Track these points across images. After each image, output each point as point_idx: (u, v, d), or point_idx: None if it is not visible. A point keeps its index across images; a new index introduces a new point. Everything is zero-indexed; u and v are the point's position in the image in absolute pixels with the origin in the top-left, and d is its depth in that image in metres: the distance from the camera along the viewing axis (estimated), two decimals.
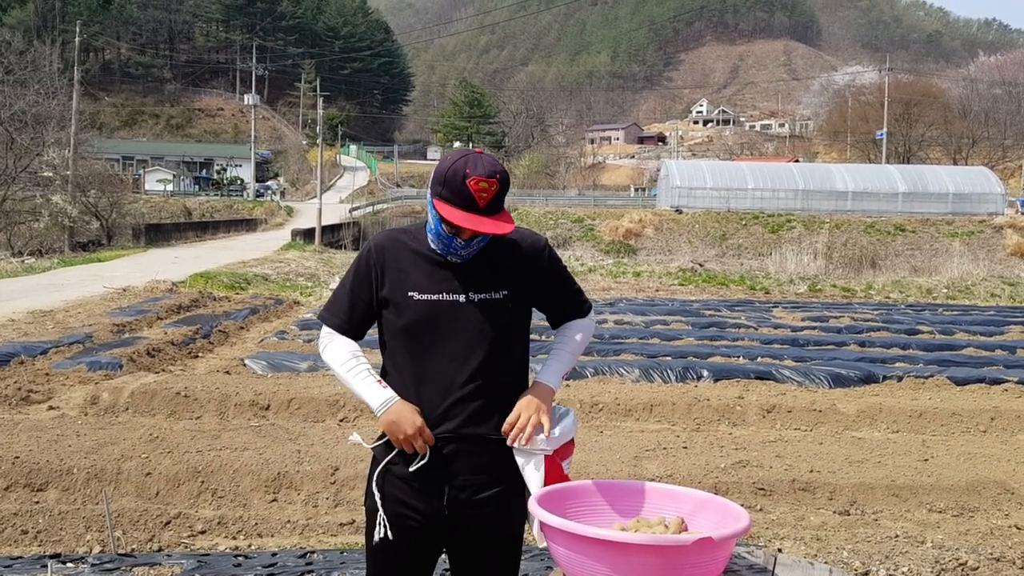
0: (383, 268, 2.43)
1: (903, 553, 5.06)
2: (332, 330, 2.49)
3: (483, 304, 2.39)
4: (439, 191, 2.30)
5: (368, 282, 2.44)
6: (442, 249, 2.39)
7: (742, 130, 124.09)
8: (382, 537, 2.39)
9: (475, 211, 2.27)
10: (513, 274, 2.45)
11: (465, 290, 2.39)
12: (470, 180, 2.26)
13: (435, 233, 2.36)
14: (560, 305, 2.60)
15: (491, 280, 2.42)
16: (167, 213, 48.50)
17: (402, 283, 2.40)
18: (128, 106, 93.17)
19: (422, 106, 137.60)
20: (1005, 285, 24.66)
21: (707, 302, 18.92)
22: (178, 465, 5.94)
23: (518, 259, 2.47)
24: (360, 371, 2.40)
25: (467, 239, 2.34)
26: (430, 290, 2.38)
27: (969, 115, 75.53)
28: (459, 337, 2.38)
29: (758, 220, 36.45)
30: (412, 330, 2.39)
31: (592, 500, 2.36)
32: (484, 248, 2.42)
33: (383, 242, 2.47)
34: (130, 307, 13.67)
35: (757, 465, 6.39)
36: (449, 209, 2.28)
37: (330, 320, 2.51)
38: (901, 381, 9.57)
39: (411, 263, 2.41)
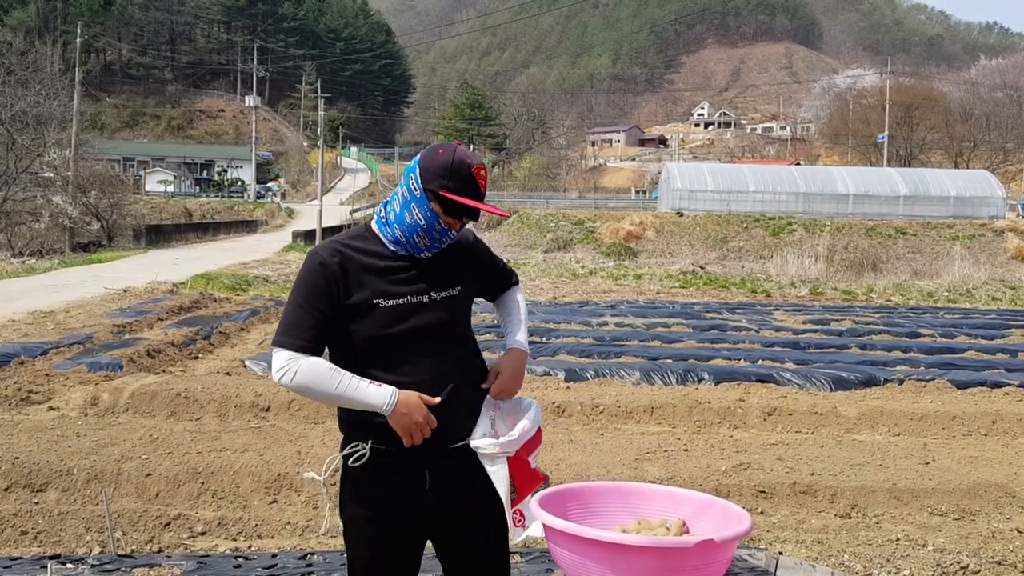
0: (342, 278, 2.36)
1: (904, 556, 5.05)
2: (295, 353, 2.32)
3: (444, 302, 2.44)
4: (445, 184, 2.32)
5: (327, 296, 2.35)
6: (420, 248, 2.41)
7: (743, 133, 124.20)
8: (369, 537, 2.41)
9: (480, 199, 2.36)
10: (460, 269, 2.51)
11: (427, 290, 2.42)
12: (474, 169, 2.34)
13: (427, 230, 2.36)
14: (497, 283, 2.71)
15: (445, 278, 2.47)
16: (168, 214, 48.51)
17: (365, 292, 2.36)
18: (129, 107, 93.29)
19: (423, 108, 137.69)
20: (1006, 288, 24.65)
21: (708, 304, 18.91)
22: (178, 466, 5.93)
23: (461, 255, 2.54)
24: (349, 381, 2.31)
25: (458, 229, 2.42)
26: (395, 295, 2.38)
27: (970, 118, 75.54)
28: (427, 337, 2.40)
29: (759, 223, 36.43)
30: (381, 337, 2.37)
31: (593, 502, 2.35)
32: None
33: (334, 252, 2.39)
34: (130, 308, 13.66)
35: (758, 468, 6.38)
36: (462, 199, 2.33)
37: (291, 343, 2.33)
38: (902, 384, 9.56)
39: (369, 270, 2.39)
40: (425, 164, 2.37)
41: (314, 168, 65.96)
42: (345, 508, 2.46)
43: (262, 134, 78.89)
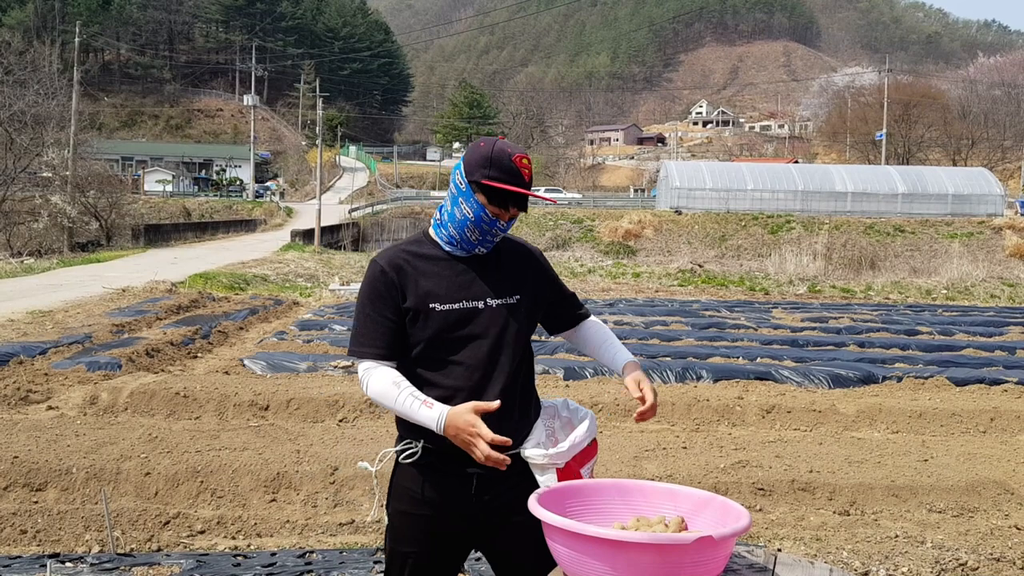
0: (403, 283, 2.41)
1: (903, 553, 5.06)
2: (370, 362, 2.41)
3: (501, 310, 2.45)
4: (487, 173, 2.35)
5: (391, 301, 2.40)
6: (473, 244, 2.43)
7: (741, 131, 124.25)
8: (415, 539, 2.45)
9: (524, 186, 2.38)
10: (523, 279, 2.53)
11: (484, 296, 2.44)
12: (515, 157, 2.36)
13: (476, 223, 2.39)
14: (565, 309, 2.69)
15: (505, 285, 2.48)
16: (166, 214, 48.52)
17: (422, 295, 2.40)
18: (127, 107, 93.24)
19: (421, 107, 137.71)
20: (1004, 286, 24.67)
21: (706, 303, 18.92)
22: (177, 465, 5.93)
23: (525, 264, 2.56)
24: (405, 398, 2.33)
25: (508, 220, 2.41)
26: (450, 299, 2.41)
27: (968, 116, 75.60)
28: (482, 344, 2.42)
29: (757, 221, 36.46)
30: (435, 341, 2.40)
31: (592, 499, 2.35)
32: (494, 254, 2.50)
33: (393, 258, 2.45)
34: (129, 307, 13.66)
35: (757, 465, 6.39)
36: (504, 186, 2.35)
37: (365, 352, 2.42)
38: (901, 381, 9.56)
39: (428, 273, 2.43)
40: (468, 158, 2.41)
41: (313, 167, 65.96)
42: (392, 502, 2.50)
43: (260, 133, 78.86)
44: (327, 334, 12.32)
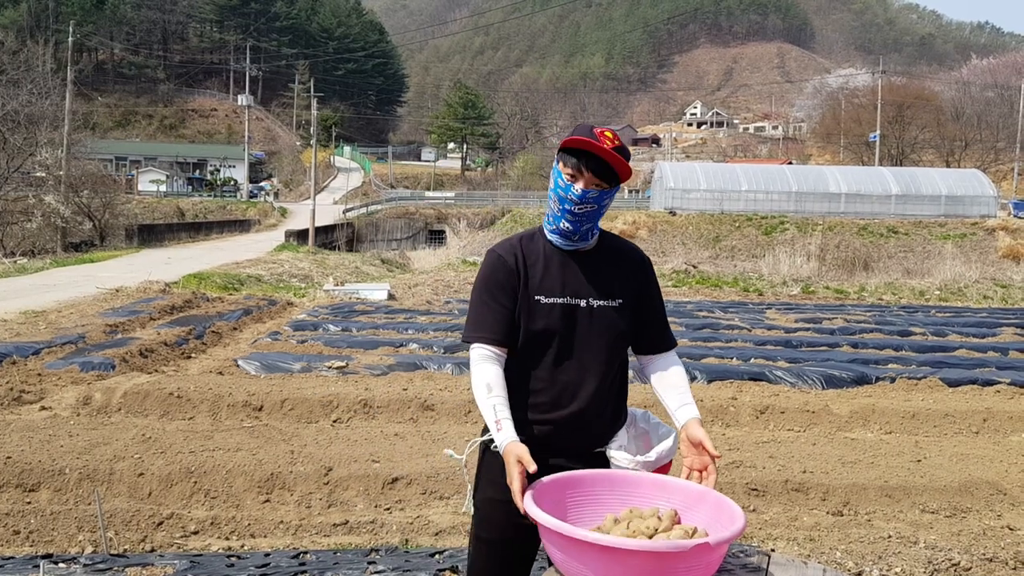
0: (521, 271, 2.49)
1: (896, 554, 5.07)
2: (482, 347, 2.48)
3: (602, 311, 2.50)
4: (566, 139, 2.42)
5: (507, 287, 2.49)
6: (558, 217, 2.48)
7: (736, 132, 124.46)
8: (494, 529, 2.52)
9: (596, 148, 2.39)
10: (628, 284, 2.56)
11: (587, 296, 2.49)
12: (596, 129, 2.43)
13: (554, 191, 2.47)
14: (655, 331, 2.65)
15: (610, 287, 2.52)
16: (160, 214, 48.45)
17: (532, 287, 2.48)
18: (121, 106, 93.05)
19: (416, 107, 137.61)
20: (997, 287, 24.73)
21: (701, 303, 18.94)
22: (171, 465, 5.92)
23: (633, 269, 2.59)
24: (488, 408, 2.40)
25: (583, 188, 2.42)
26: (555, 294, 2.47)
27: (962, 118, 75.78)
28: (580, 342, 2.48)
29: (751, 222, 36.51)
30: (536, 332, 2.47)
31: (591, 489, 2.37)
32: (603, 253, 2.54)
33: (510, 247, 2.55)
34: (123, 308, 13.63)
35: (750, 466, 6.40)
36: (577, 139, 2.39)
37: (476, 337, 2.49)
38: (894, 382, 9.59)
39: (537, 265, 2.50)
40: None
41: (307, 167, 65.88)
42: (481, 490, 2.54)
43: (255, 133, 78.75)
44: (321, 334, 12.31)
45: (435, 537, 5.25)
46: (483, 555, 2.54)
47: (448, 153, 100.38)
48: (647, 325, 2.63)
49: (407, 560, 4.79)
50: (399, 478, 5.95)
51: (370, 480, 5.93)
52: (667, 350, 2.67)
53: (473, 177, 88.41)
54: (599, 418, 2.50)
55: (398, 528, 5.39)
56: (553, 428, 2.46)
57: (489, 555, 2.53)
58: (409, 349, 11.21)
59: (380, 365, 9.85)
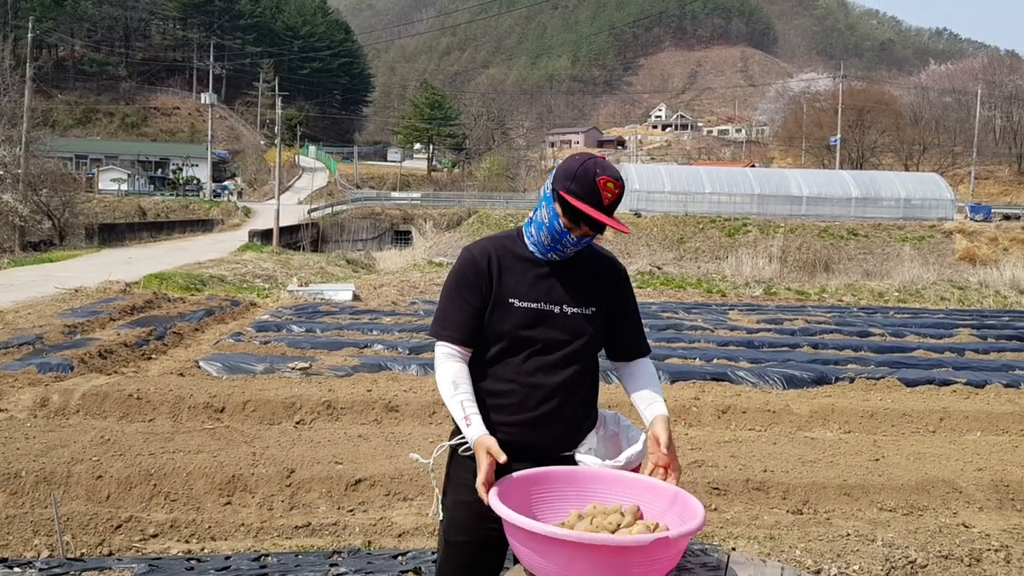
0: (493, 273, 2.49)
1: (854, 551, 5.14)
2: (448, 346, 2.51)
3: (575, 318, 2.51)
4: (567, 186, 2.39)
5: (479, 289, 2.49)
6: (546, 248, 2.49)
7: (700, 135, 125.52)
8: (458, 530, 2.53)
9: (599, 208, 2.37)
10: (602, 292, 2.58)
11: (561, 302, 2.50)
12: (600, 178, 2.37)
13: (549, 229, 2.44)
14: (630, 335, 2.68)
15: (585, 295, 2.53)
16: (121, 213, 47.80)
17: (506, 289, 2.48)
18: (82, 104, 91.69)
19: (382, 107, 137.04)
20: (954, 289, 25.17)
21: (665, 304, 19.07)
22: (130, 468, 5.84)
23: (608, 278, 2.61)
24: (456, 403, 2.44)
25: (579, 236, 2.44)
26: (529, 298, 2.48)
27: (920, 122, 77.13)
28: (549, 347, 2.49)
29: (715, 224, 36.83)
30: (507, 336, 2.48)
31: (555, 486, 2.39)
32: (580, 262, 2.55)
33: (485, 248, 2.54)
34: (82, 308, 13.43)
35: (712, 465, 6.45)
36: (578, 202, 2.36)
37: (443, 335, 2.53)
38: (853, 382, 9.72)
39: (515, 269, 2.50)
40: (561, 165, 2.46)
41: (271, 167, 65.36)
42: (450, 493, 2.56)
43: (218, 132, 77.95)
44: (285, 335, 12.22)
45: (398, 539, 5.24)
46: (453, 558, 2.55)
47: (414, 154, 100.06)
48: (622, 333, 2.66)
49: (369, 562, 4.78)
50: (362, 480, 5.93)
51: (333, 482, 5.90)
52: (641, 356, 2.71)
53: (439, 178, 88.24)
54: (566, 421, 2.51)
55: (361, 530, 5.37)
56: (519, 430, 2.48)
57: (459, 558, 2.53)
58: (374, 350, 11.16)
59: (344, 366, 9.80)
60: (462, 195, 59.43)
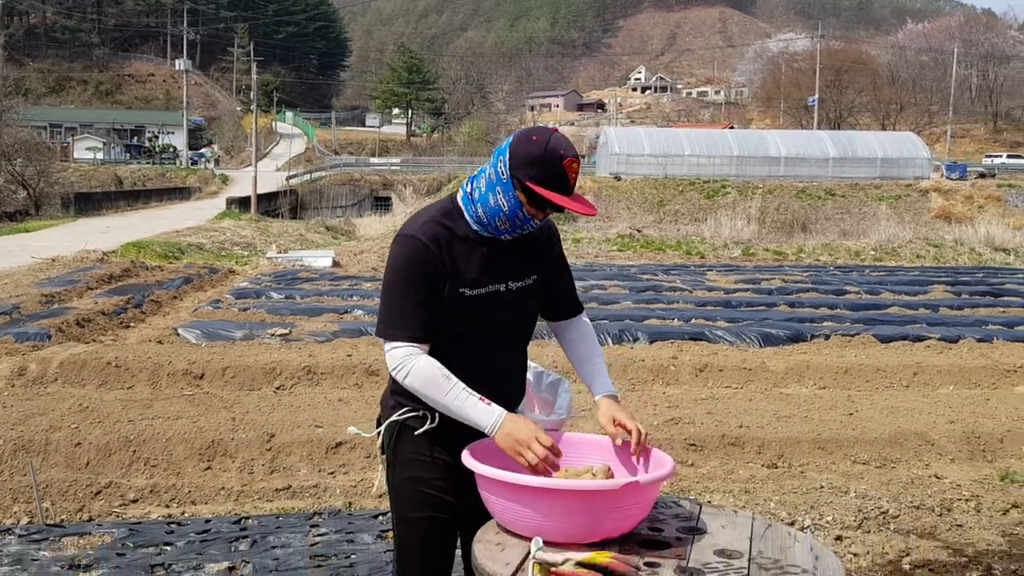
0: (444, 263, 2.31)
1: (828, 503, 5.24)
2: (409, 346, 2.30)
3: (520, 292, 2.42)
4: (532, 174, 2.22)
5: (432, 281, 2.30)
6: (501, 231, 2.34)
7: (679, 97, 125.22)
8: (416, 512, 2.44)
9: (568, 193, 2.25)
10: (540, 259, 2.48)
11: (506, 279, 2.39)
12: (565, 162, 2.23)
13: (509, 216, 2.28)
14: (564, 295, 2.59)
15: (526, 267, 2.44)
16: (97, 182, 47.30)
17: (455, 278, 2.32)
18: (55, 72, 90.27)
19: (360, 72, 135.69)
20: (930, 247, 25.38)
21: (644, 267, 19.14)
22: (109, 435, 5.85)
23: (545, 243, 2.50)
24: (458, 394, 2.27)
25: (542, 219, 2.33)
26: (478, 285, 2.35)
27: (897, 81, 77.26)
28: (501, 326, 2.41)
29: (694, 186, 36.89)
30: (456, 319, 2.35)
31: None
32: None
33: (433, 233, 2.32)
34: (59, 277, 13.34)
35: (689, 422, 6.54)
36: (548, 192, 2.22)
37: (402, 335, 2.30)
38: (828, 339, 9.84)
39: (461, 254, 2.34)
40: (515, 149, 2.25)
41: (248, 134, 64.71)
42: (399, 471, 2.45)
43: (194, 99, 76.97)
44: (264, 302, 12.20)
45: (379, 500, 5.28)
46: (407, 533, 2.47)
47: (393, 119, 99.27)
48: (558, 294, 2.57)
49: (350, 522, 4.83)
50: (343, 443, 5.97)
51: (313, 445, 5.94)
52: (576, 315, 2.62)
53: (419, 143, 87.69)
54: (511, 392, 2.47)
55: (342, 492, 5.41)
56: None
57: (415, 533, 2.45)
58: (354, 316, 11.16)
59: (324, 332, 9.81)
60: (442, 160, 59.17)
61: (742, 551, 2.11)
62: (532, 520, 2.09)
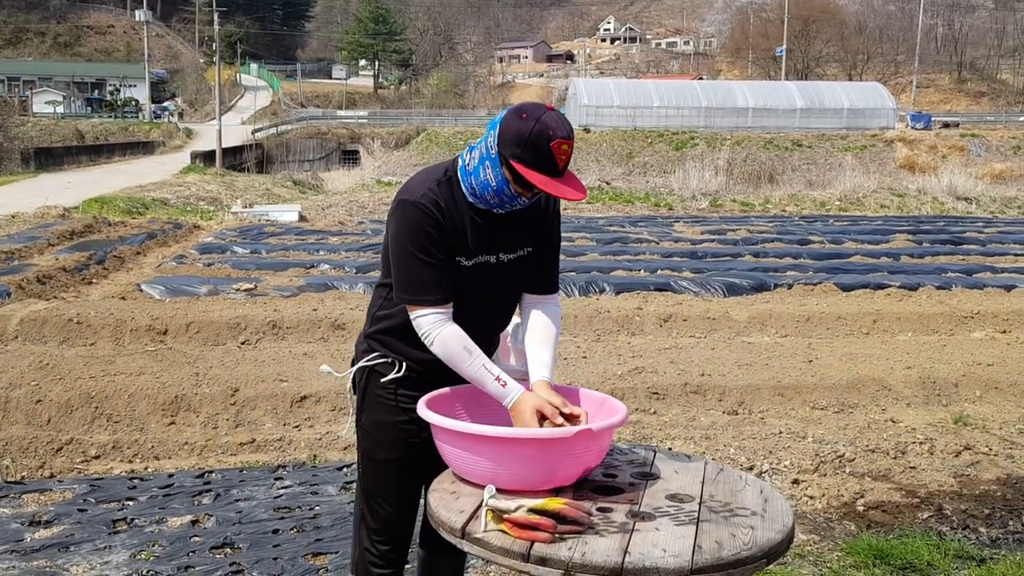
0: (446, 228, 2.31)
1: (786, 448, 5.34)
2: (435, 313, 2.31)
3: (512, 263, 2.43)
4: (518, 154, 2.18)
5: (439, 241, 2.30)
6: (493, 205, 2.33)
7: (648, 48, 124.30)
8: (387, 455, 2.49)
9: (556, 174, 2.21)
10: (535, 232, 2.47)
11: (498, 250, 2.39)
12: (554, 143, 2.18)
13: (496, 192, 2.27)
14: (545, 272, 2.54)
15: (521, 237, 2.43)
16: (58, 136, 46.33)
17: (455, 247, 2.33)
18: (11, 23, 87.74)
19: (325, 22, 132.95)
20: (894, 196, 25.61)
21: (612, 219, 19.17)
22: (70, 392, 5.82)
23: (542, 218, 2.48)
24: (478, 368, 2.30)
25: (531, 197, 2.30)
26: (474, 254, 2.36)
27: (864, 31, 77.27)
28: (487, 296, 2.42)
29: (663, 138, 36.86)
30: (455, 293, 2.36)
31: (484, 399, 2.39)
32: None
33: (435, 198, 2.31)
34: (19, 234, 13.12)
35: (652, 371, 6.61)
36: (531, 173, 2.18)
37: (425, 300, 2.31)
38: (791, 288, 9.95)
39: (459, 222, 2.33)
40: (504, 126, 2.22)
41: (212, 86, 63.56)
42: (366, 414, 2.50)
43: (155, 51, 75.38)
44: (229, 257, 12.09)
45: (343, 452, 5.32)
46: (373, 475, 2.53)
47: (360, 70, 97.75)
48: (541, 270, 2.53)
49: (315, 475, 4.86)
50: (308, 396, 5.98)
51: (278, 399, 5.95)
52: (549, 294, 2.57)
53: (386, 95, 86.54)
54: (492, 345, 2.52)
55: (307, 445, 5.43)
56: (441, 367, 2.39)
57: (381, 475, 2.51)
58: (320, 270, 11.11)
59: (290, 286, 9.76)
60: (410, 113, 58.51)
61: (693, 495, 2.16)
62: (486, 469, 2.12)
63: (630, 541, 1.87)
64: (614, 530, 1.93)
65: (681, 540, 1.88)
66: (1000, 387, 6.60)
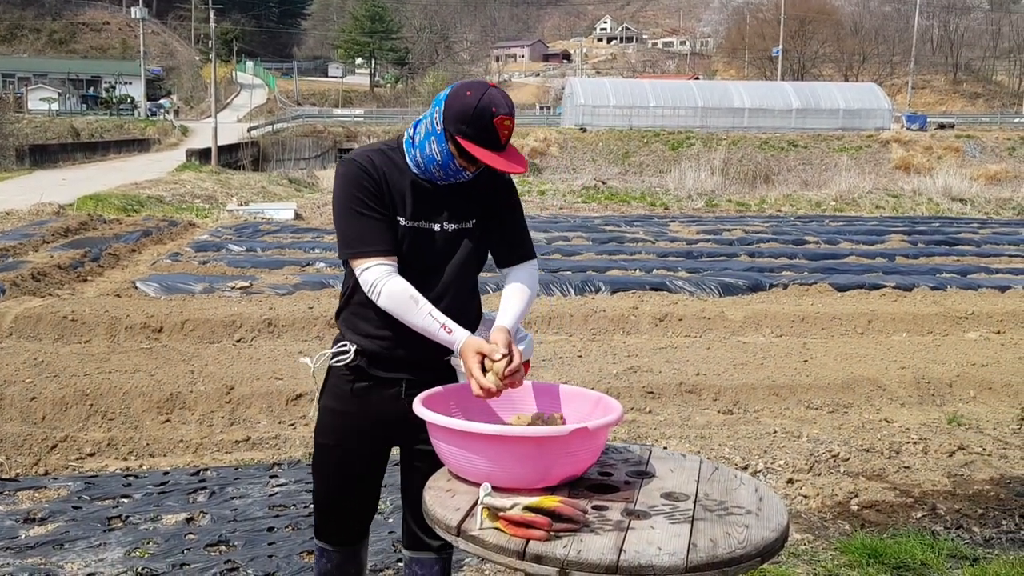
0: (386, 186, 2.37)
1: (780, 447, 5.35)
2: (379, 264, 2.34)
3: (455, 234, 2.45)
4: (462, 129, 2.25)
5: (380, 197, 2.35)
6: (438, 179, 2.39)
7: (645, 48, 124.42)
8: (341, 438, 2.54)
9: (498, 149, 2.28)
10: (483, 203, 2.49)
11: (440, 219, 2.42)
12: (497, 119, 2.25)
13: (442, 166, 2.34)
14: (510, 242, 2.58)
15: (465, 209, 2.46)
16: (53, 133, 46.23)
17: (394, 206, 2.38)
18: (5, 20, 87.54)
19: (321, 20, 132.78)
20: (889, 197, 25.64)
21: (608, 218, 19.18)
22: (65, 389, 5.81)
23: (488, 188, 2.50)
24: (424, 316, 2.33)
25: (475, 171, 2.36)
26: (414, 217, 2.39)
27: (860, 32, 77.44)
28: (430, 265, 2.43)
29: (659, 138, 36.89)
30: (398, 254, 2.39)
31: (474, 400, 2.40)
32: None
33: (373, 159, 2.39)
34: (13, 231, 13.09)
35: (647, 370, 6.62)
36: (475, 148, 2.26)
37: (368, 251, 2.35)
38: (787, 288, 9.97)
39: (399, 185, 2.39)
40: (449, 102, 2.29)
41: (208, 84, 63.49)
42: (324, 399, 2.58)
43: (151, 48, 75.29)
44: (224, 255, 12.08)
45: None
46: (318, 460, 2.61)
47: (356, 69, 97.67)
48: (504, 241, 2.57)
49: (310, 472, 4.84)
50: (303, 394, 5.98)
51: (273, 397, 5.94)
52: (523, 261, 2.60)
53: (383, 94, 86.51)
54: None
55: (301, 443, 5.43)
56: (392, 343, 2.44)
57: (326, 458, 2.58)
58: (316, 268, 11.10)
59: (285, 284, 9.75)
60: (406, 111, 58.46)
61: (688, 493, 2.16)
62: (481, 467, 2.12)
63: (625, 539, 1.87)
64: (609, 528, 1.93)
65: (676, 538, 1.88)
66: (994, 387, 6.63)
